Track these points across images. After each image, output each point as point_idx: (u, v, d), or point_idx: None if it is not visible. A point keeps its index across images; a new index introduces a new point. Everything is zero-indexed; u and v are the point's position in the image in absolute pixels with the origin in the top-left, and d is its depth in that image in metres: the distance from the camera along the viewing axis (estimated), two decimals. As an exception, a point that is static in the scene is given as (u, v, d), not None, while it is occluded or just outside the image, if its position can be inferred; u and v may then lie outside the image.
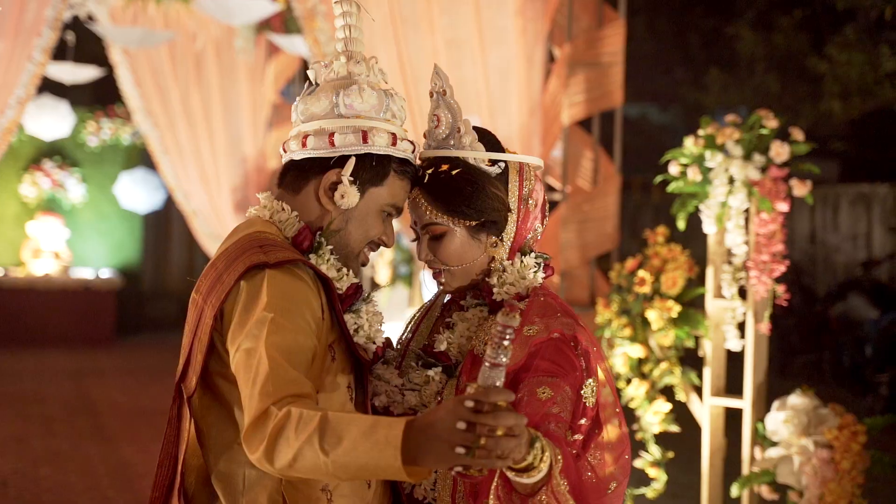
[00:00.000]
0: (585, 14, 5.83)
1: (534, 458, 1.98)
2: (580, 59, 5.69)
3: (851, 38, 11.43)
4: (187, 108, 10.89)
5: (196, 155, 10.94)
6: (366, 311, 2.39)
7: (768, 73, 13.03)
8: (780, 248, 4.35)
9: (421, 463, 1.86)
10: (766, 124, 4.39)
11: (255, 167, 11.01)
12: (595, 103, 5.71)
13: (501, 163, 2.42)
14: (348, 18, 2.44)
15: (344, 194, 2.29)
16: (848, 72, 11.34)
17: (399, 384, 2.40)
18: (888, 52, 10.35)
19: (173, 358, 9.46)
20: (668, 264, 4.58)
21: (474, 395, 1.82)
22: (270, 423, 1.98)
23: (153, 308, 15.13)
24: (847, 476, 4.18)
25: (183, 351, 2.27)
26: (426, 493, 2.38)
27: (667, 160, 4.60)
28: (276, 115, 10.89)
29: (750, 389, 4.49)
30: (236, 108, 10.98)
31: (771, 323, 4.43)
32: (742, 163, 4.35)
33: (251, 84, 10.96)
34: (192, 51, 10.75)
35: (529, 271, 2.42)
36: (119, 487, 6.91)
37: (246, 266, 2.16)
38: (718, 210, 4.45)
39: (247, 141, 11.00)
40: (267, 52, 10.86)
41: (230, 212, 10.97)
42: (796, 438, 4.28)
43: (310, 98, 2.36)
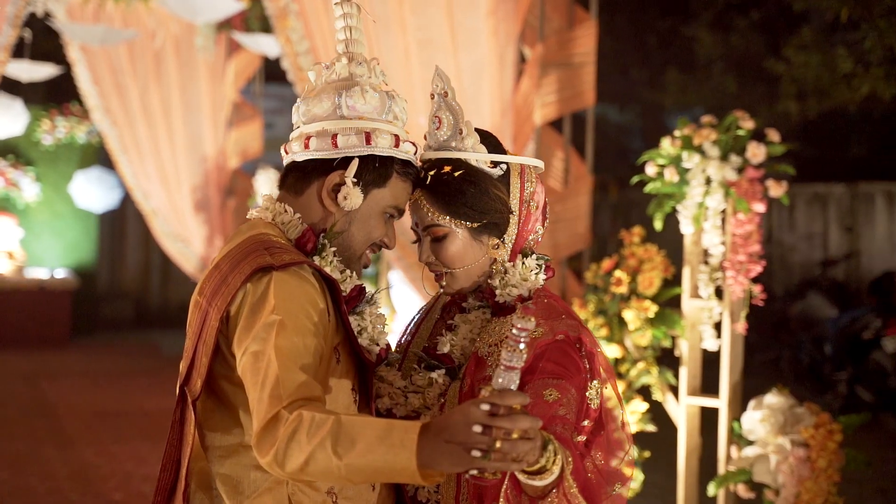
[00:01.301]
0: (557, 14, 5.84)
1: (546, 461, 1.98)
2: (552, 60, 5.70)
3: (808, 39, 11.54)
4: (146, 106, 10.80)
5: (155, 154, 10.85)
6: (369, 312, 2.39)
7: (726, 73, 13.13)
8: (756, 249, 4.38)
9: (436, 466, 1.86)
10: (743, 125, 4.43)
11: (216, 166, 10.94)
12: (567, 103, 5.72)
13: (503, 164, 2.42)
14: (349, 20, 2.42)
15: (347, 196, 2.28)
16: (805, 73, 11.45)
17: (402, 386, 2.39)
18: (844, 54, 10.44)
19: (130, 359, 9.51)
20: (645, 264, 4.61)
21: (490, 398, 1.82)
22: (281, 426, 1.97)
23: (109, 308, 14.99)
24: (823, 474, 4.23)
25: (186, 354, 2.25)
26: (430, 496, 2.38)
27: (644, 161, 4.62)
28: (237, 113, 10.82)
29: (726, 389, 4.52)
30: (196, 107, 10.91)
31: (747, 323, 4.47)
32: (719, 164, 4.38)
33: (211, 83, 10.89)
34: (152, 49, 10.66)
35: (531, 273, 2.43)
36: (81, 490, 6.83)
37: (252, 268, 2.14)
38: (695, 211, 4.48)
39: (207, 140, 10.93)
40: (227, 50, 10.78)
41: (190, 211, 10.90)
42: (773, 437, 4.31)
43: (311, 99, 2.35)
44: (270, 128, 13.23)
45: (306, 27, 5.66)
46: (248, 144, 10.74)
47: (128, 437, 8.27)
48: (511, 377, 1.85)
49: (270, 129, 13.14)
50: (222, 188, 11.03)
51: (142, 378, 11.09)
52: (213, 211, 10.97)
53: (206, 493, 2.26)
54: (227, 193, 11.06)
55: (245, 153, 10.77)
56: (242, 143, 10.75)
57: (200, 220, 10.91)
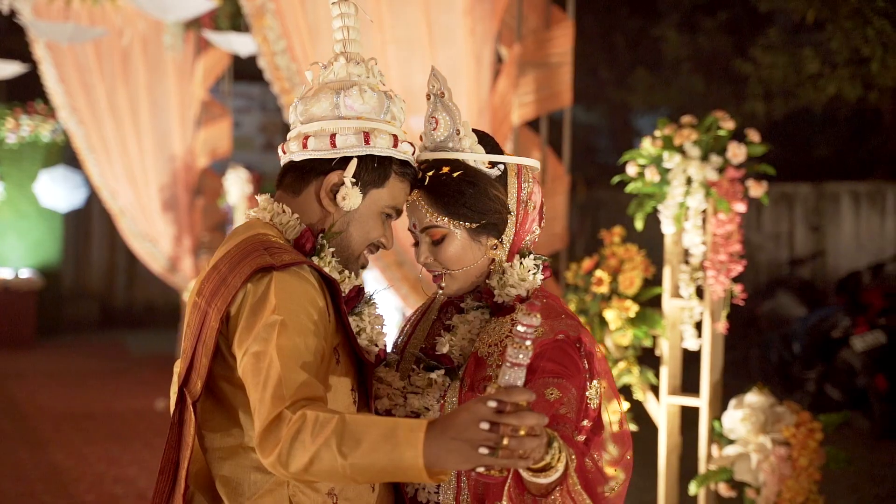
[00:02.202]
0: (534, 14, 5.84)
1: (551, 458, 1.99)
2: (529, 60, 5.71)
3: (775, 40, 11.63)
4: (113, 105, 10.71)
5: (123, 153, 10.76)
6: (368, 313, 2.38)
7: (693, 74, 13.21)
8: (737, 248, 4.40)
9: (443, 464, 1.86)
10: (723, 125, 4.45)
11: (184, 165, 10.86)
12: (544, 104, 5.73)
13: (501, 165, 2.42)
14: (346, 20, 2.42)
15: (346, 196, 2.28)
16: (771, 73, 11.53)
17: (401, 387, 2.39)
18: (811, 55, 10.53)
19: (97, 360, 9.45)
20: (625, 264, 4.62)
21: (496, 394, 1.83)
22: (284, 426, 1.97)
23: (74, 309, 14.86)
24: (804, 473, 4.26)
25: (185, 355, 2.23)
26: (429, 497, 2.38)
27: (624, 161, 4.63)
28: (206, 112, 10.74)
29: (707, 388, 4.54)
30: (164, 106, 10.82)
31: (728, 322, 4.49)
32: (700, 164, 4.40)
33: (179, 81, 10.81)
34: (119, 47, 10.56)
35: (529, 273, 2.43)
36: (54, 493, 6.79)
37: (252, 268, 2.13)
38: (676, 210, 4.50)
39: (175, 139, 10.85)
40: (196, 48, 10.71)
41: (158, 210, 10.82)
42: (754, 436, 4.34)
43: (309, 99, 2.34)
44: (238, 127, 13.16)
45: (283, 26, 5.64)
46: (217, 143, 10.68)
47: (98, 439, 8.22)
48: (517, 374, 1.86)
49: (238, 129, 13.07)
50: (191, 187, 10.96)
51: (109, 379, 11.02)
52: (182, 210, 10.90)
53: (205, 494, 2.24)
54: (195, 193, 10.99)
55: (214, 152, 10.70)
56: (211, 143, 10.69)
57: (169, 219, 10.83)
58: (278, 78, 5.71)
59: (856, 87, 10.34)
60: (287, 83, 5.68)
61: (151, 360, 12.11)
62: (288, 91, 5.68)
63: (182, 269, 10.89)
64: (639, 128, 17.69)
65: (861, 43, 9.52)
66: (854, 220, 11.80)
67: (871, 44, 9.32)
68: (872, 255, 11.26)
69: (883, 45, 9.25)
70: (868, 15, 9.37)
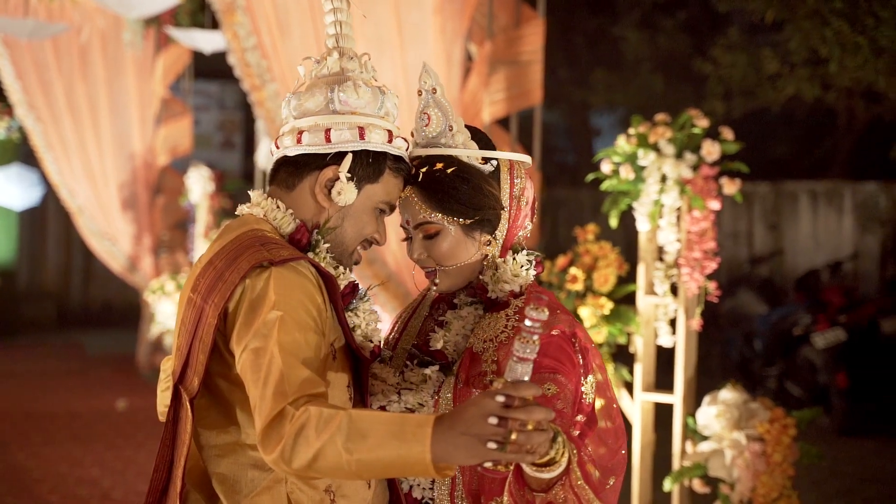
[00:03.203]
0: (504, 13, 5.85)
1: (556, 453, 2.00)
2: (500, 58, 5.71)
3: (735, 40, 11.72)
4: (72, 102, 10.60)
5: (81, 150, 10.65)
6: (362, 309, 2.37)
7: (653, 73, 13.28)
8: (711, 246, 4.43)
9: (451, 459, 1.86)
10: (697, 123, 4.47)
11: (144, 163, 10.78)
12: (514, 101, 5.74)
13: (493, 161, 2.42)
14: (338, 14, 2.42)
15: (341, 191, 2.27)
16: (731, 73, 11.61)
17: (395, 383, 2.38)
18: (770, 55, 10.61)
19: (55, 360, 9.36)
20: (600, 261, 4.63)
21: (504, 389, 1.82)
22: (287, 423, 1.96)
23: (30, 308, 14.66)
24: (778, 468, 4.29)
25: (180, 352, 2.21)
26: (424, 493, 2.37)
27: (599, 158, 4.65)
28: (166, 110, 10.67)
29: (681, 385, 4.56)
30: (124, 103, 10.74)
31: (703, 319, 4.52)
32: (674, 161, 4.42)
33: (139, 78, 10.73)
34: (77, 43, 10.46)
35: (522, 269, 2.43)
36: (17, 494, 6.70)
37: (250, 264, 2.11)
38: (651, 208, 4.52)
39: (135, 137, 10.77)
40: (156, 45, 10.63)
41: (117, 209, 10.73)
42: (728, 432, 4.37)
43: (303, 94, 2.33)
44: (196, 125, 13.07)
45: (253, 22, 5.60)
46: (177, 141, 10.62)
47: (59, 439, 8.12)
48: (524, 368, 1.86)
49: (196, 127, 12.99)
50: (151, 186, 10.89)
51: (68, 379, 10.88)
52: (142, 209, 10.82)
53: (201, 492, 2.23)
54: (155, 191, 10.92)
55: (174, 150, 10.65)
56: (172, 140, 10.63)
57: (128, 218, 10.74)
58: (248, 75, 5.68)
59: (814, 87, 10.43)
60: (257, 80, 5.65)
61: (110, 360, 11.98)
62: (258, 88, 5.64)
63: (142, 268, 10.81)
64: (597, 127, 17.76)
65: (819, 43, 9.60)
66: (812, 219, 11.91)
67: (829, 44, 9.39)
68: (830, 254, 11.37)
69: (841, 45, 9.33)
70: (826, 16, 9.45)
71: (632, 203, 4.58)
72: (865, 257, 11.29)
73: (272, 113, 5.59)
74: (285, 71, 5.63)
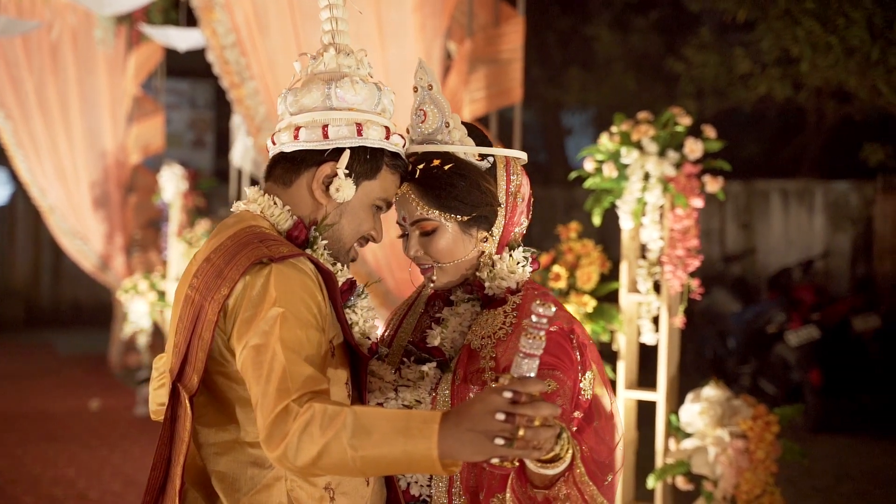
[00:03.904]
0: (483, 11, 5.85)
1: (560, 449, 2.00)
2: (480, 56, 5.71)
3: (707, 39, 11.76)
4: (42, 100, 10.49)
5: (52, 149, 10.55)
6: (360, 306, 2.36)
7: (625, 72, 13.31)
8: (694, 244, 4.44)
9: (457, 455, 1.86)
10: (680, 121, 4.49)
11: (116, 162, 10.70)
12: (494, 100, 5.73)
13: (490, 157, 2.42)
14: (334, 10, 2.42)
15: (339, 187, 2.26)
16: (703, 73, 11.66)
17: (392, 380, 2.37)
18: (742, 54, 10.67)
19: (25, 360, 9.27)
20: (582, 259, 4.63)
21: (511, 385, 1.82)
22: (291, 419, 1.95)
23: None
24: (761, 465, 4.31)
25: (177, 349, 2.19)
26: (422, 490, 2.37)
27: (583, 156, 4.65)
28: (138, 108, 10.60)
29: (664, 382, 4.57)
30: (95, 101, 10.65)
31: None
32: (658, 159, 4.43)
33: (111, 76, 10.65)
34: (48, 41, 10.36)
35: (518, 266, 2.43)
36: (-9, 495, 6.65)
37: (250, 260, 2.10)
38: (634, 206, 4.52)
39: (107, 135, 10.69)
40: (127, 43, 10.56)
41: (89, 207, 10.64)
42: (711, 429, 4.38)
43: (300, 90, 2.32)
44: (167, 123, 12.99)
45: (232, 20, 5.57)
46: (149, 140, 10.55)
47: (32, 440, 8.05)
48: (531, 364, 1.86)
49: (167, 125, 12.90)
50: (123, 184, 10.81)
51: (39, 379, 10.79)
52: (114, 207, 10.74)
53: (199, 490, 2.21)
54: (127, 190, 10.84)
55: (147, 148, 10.57)
56: (144, 139, 10.55)
57: (100, 216, 10.66)
58: (227, 72, 5.64)
59: (785, 86, 10.50)
60: (236, 77, 5.62)
61: (81, 360, 11.90)
62: (237, 85, 5.61)
63: (114, 267, 10.73)
64: (569, 126, 17.80)
65: (791, 43, 9.67)
66: (783, 218, 11.99)
67: (801, 44, 9.46)
68: (801, 252, 11.46)
69: (812, 45, 9.40)
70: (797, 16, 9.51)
71: (615, 201, 4.58)
72: (837, 255, 11.38)
73: (251, 111, 5.56)
74: (264, 69, 5.60)
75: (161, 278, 9.91)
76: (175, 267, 9.83)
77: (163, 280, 9.90)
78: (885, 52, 8.99)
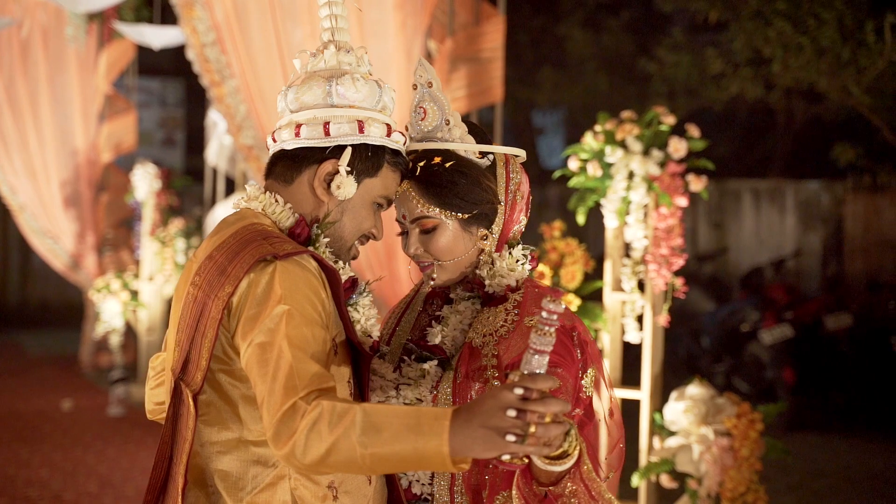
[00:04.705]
0: (464, 10, 5.84)
1: (569, 446, 2.00)
2: (461, 55, 5.70)
3: (679, 40, 11.83)
4: (12, 97, 10.43)
5: (23, 147, 10.47)
6: (362, 304, 2.35)
7: (598, 72, 13.35)
8: (678, 242, 4.45)
9: (468, 452, 1.85)
10: (664, 121, 4.50)
11: (87, 160, 10.62)
12: (475, 99, 5.72)
13: (490, 155, 2.41)
14: (334, 8, 2.39)
15: (341, 185, 2.24)
16: (675, 73, 11.73)
17: (393, 378, 2.36)
18: (714, 55, 10.73)
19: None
20: (566, 258, 4.64)
21: (522, 382, 1.82)
22: (299, 417, 1.94)
23: (-35, 308, 14.43)
24: (746, 463, 4.33)
25: (179, 347, 2.17)
26: (423, 488, 2.37)
27: (567, 155, 4.65)
28: (109, 106, 10.52)
29: (648, 381, 4.59)
30: (66, 99, 10.58)
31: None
32: (642, 158, 4.44)
33: (82, 74, 10.57)
34: (18, 38, 10.28)
35: (518, 263, 2.42)
36: (-36, 495, 6.58)
37: (255, 258, 2.09)
38: (619, 205, 4.53)
39: (78, 133, 10.61)
40: (99, 41, 10.48)
41: (60, 206, 10.56)
42: (695, 427, 4.40)
43: (300, 87, 2.30)
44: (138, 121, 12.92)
45: (212, 18, 5.54)
46: (121, 138, 10.47)
47: (4, 441, 7.99)
48: (541, 361, 1.85)
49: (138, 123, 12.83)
50: (94, 183, 10.73)
51: (9, 379, 10.70)
52: (85, 206, 10.66)
53: (201, 489, 2.19)
54: (99, 188, 10.77)
55: (118, 147, 10.50)
56: (116, 137, 10.47)
57: (71, 215, 10.58)
58: (207, 70, 5.60)
59: (756, 86, 10.57)
60: (217, 76, 5.58)
61: (51, 360, 11.80)
62: (218, 83, 5.57)
63: (85, 266, 10.65)
64: (539, 126, 17.83)
65: (762, 44, 9.74)
66: (754, 217, 12.07)
67: (773, 45, 9.53)
68: (773, 251, 11.54)
69: (784, 46, 9.47)
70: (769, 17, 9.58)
71: (599, 200, 4.59)
72: (808, 255, 11.47)
73: (232, 109, 5.52)
74: (245, 67, 5.57)
75: (134, 278, 9.85)
76: (148, 266, 9.78)
77: (136, 279, 9.84)
78: (855, 53, 9.08)
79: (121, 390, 9.05)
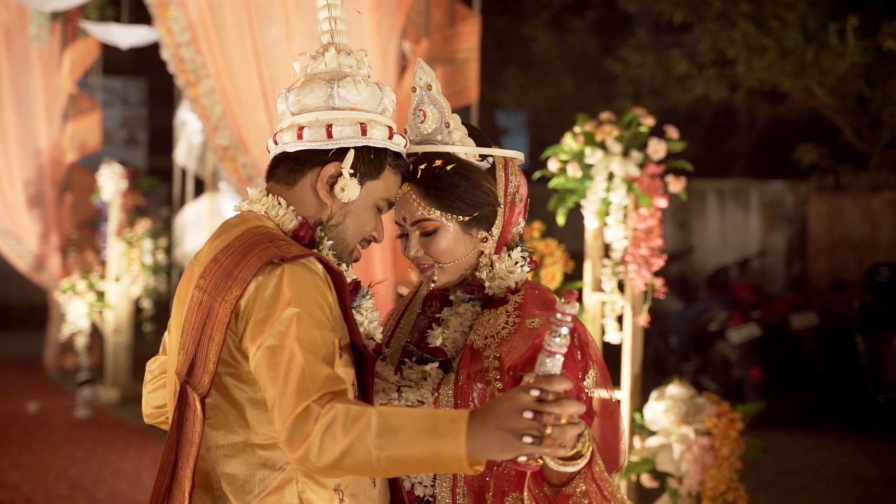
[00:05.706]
0: (439, 11, 5.85)
1: (582, 446, 2.01)
2: (436, 56, 5.71)
3: (644, 41, 11.89)
4: (-26, 97, 10.31)
5: (-15, 147, 10.36)
6: (365, 307, 2.35)
7: (563, 73, 13.38)
8: (658, 243, 4.49)
9: (485, 454, 1.86)
10: (643, 122, 4.53)
11: (51, 160, 10.53)
12: (451, 99, 5.65)
13: (490, 157, 2.42)
14: (333, 10, 2.40)
15: (344, 187, 2.24)
16: (641, 73, 11.80)
17: (395, 381, 2.36)
18: (679, 56, 10.81)
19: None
20: (546, 259, 4.66)
21: (537, 383, 1.83)
22: (313, 420, 1.93)
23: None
24: (726, 462, 4.37)
25: (184, 350, 2.16)
26: (426, 490, 2.37)
27: (547, 156, 4.67)
28: (74, 106, 10.43)
29: (628, 381, 4.61)
30: (29, 99, 10.49)
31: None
32: (622, 159, 4.46)
33: (45, 73, 10.48)
34: (-20, 37, 10.18)
35: (517, 265, 2.43)
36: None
37: (262, 261, 2.08)
38: (599, 206, 4.55)
39: (41, 133, 10.52)
40: (62, 40, 10.39)
41: (23, 206, 10.46)
42: (676, 427, 4.43)
43: (301, 90, 2.29)
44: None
45: (188, 17, 5.50)
46: (86, 138, 10.40)
47: (-29, 444, 7.90)
48: (555, 362, 1.87)
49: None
50: (58, 183, 10.64)
51: (-28, 382, 10.59)
52: (49, 207, 10.56)
53: (207, 493, 2.18)
54: (63, 188, 10.67)
55: (83, 147, 10.42)
56: (80, 137, 10.39)
57: (34, 216, 10.48)
58: (183, 70, 5.57)
59: (721, 87, 10.67)
60: (192, 76, 5.54)
61: (14, 362, 11.67)
62: (193, 84, 5.53)
63: (49, 267, 10.55)
64: (503, 126, 17.86)
65: (727, 45, 9.83)
66: (719, 217, 12.16)
67: (737, 46, 9.63)
68: (737, 251, 11.62)
69: (748, 47, 9.57)
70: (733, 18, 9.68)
71: (579, 201, 4.61)
72: (772, 254, 11.57)
73: (207, 109, 5.48)
74: (220, 67, 5.53)
75: (100, 278, 9.76)
76: (115, 267, 9.70)
77: (101, 280, 9.76)
78: (818, 55, 9.20)
79: (87, 392, 8.96)
